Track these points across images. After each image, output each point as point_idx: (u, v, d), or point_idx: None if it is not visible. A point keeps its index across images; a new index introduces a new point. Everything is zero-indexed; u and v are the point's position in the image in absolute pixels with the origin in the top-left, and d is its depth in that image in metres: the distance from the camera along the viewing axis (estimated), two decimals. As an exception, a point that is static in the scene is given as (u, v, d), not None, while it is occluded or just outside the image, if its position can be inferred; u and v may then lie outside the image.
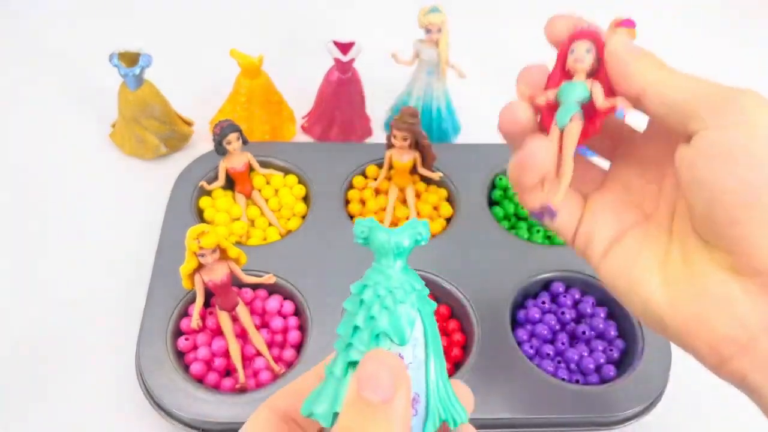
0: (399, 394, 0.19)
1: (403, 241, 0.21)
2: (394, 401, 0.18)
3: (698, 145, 0.24)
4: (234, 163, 0.54)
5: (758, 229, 0.23)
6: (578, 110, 0.27)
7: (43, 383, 0.46)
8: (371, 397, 0.18)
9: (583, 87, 0.27)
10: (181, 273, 0.43)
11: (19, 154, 0.62)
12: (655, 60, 0.26)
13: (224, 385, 0.45)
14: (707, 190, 0.24)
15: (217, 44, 0.66)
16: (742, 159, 0.23)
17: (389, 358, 0.19)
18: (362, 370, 0.19)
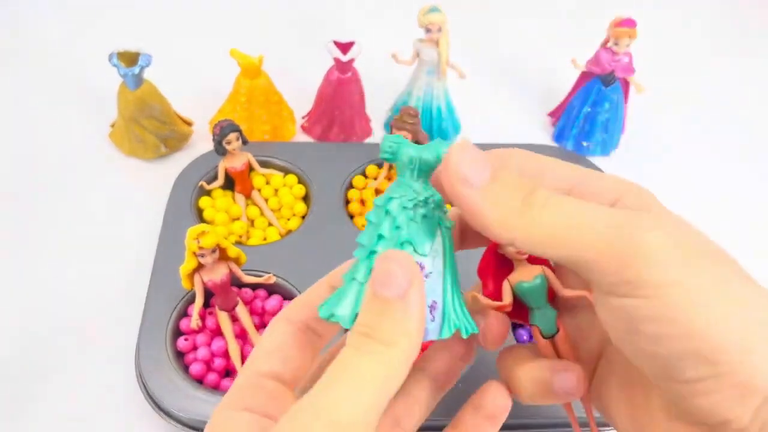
0: (413, 290, 0.19)
1: (429, 157, 0.22)
2: (408, 296, 0.19)
3: (601, 308, 0.20)
4: (234, 163, 0.54)
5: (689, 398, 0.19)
6: (555, 312, 0.24)
7: (43, 383, 0.46)
8: (387, 293, 0.19)
9: (543, 281, 0.24)
10: (180, 273, 0.43)
11: (18, 154, 0.62)
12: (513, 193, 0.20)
13: (224, 386, 0.45)
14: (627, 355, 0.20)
15: (217, 44, 0.66)
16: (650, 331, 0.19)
17: (402, 257, 0.19)
18: (377, 269, 0.19)
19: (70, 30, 0.76)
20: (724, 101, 0.72)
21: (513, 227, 0.20)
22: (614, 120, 0.63)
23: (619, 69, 0.60)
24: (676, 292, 0.18)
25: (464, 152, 0.20)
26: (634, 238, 0.19)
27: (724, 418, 0.19)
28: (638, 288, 0.18)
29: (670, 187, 0.59)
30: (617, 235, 0.19)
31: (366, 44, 0.58)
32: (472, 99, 0.67)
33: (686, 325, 0.18)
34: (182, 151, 0.63)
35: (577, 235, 0.19)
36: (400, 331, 0.19)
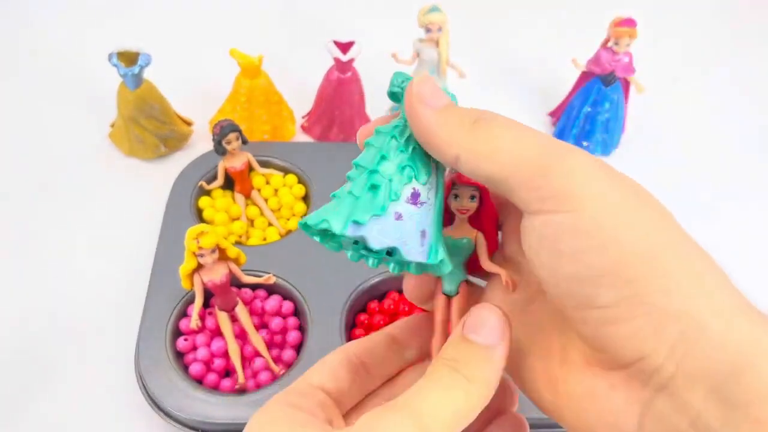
0: (503, 344, 0.21)
1: None
2: (498, 349, 0.21)
3: (526, 232, 0.21)
4: (233, 163, 0.54)
5: (606, 326, 0.19)
6: (465, 277, 0.25)
7: (42, 384, 0.46)
8: (478, 339, 0.21)
9: (469, 243, 0.24)
10: (180, 273, 0.43)
11: (18, 154, 0.62)
12: (463, 116, 0.21)
13: (223, 386, 0.45)
14: (548, 285, 0.21)
15: (217, 44, 0.66)
16: (571, 247, 0.19)
17: (495, 309, 0.21)
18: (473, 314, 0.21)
19: (70, 30, 0.76)
20: (725, 101, 0.72)
21: (459, 144, 0.21)
22: (614, 120, 0.63)
23: (620, 69, 0.60)
24: (597, 204, 0.19)
25: (427, 81, 0.22)
26: (564, 156, 0.20)
27: (639, 352, 0.18)
28: (562, 201, 0.19)
29: (670, 187, 0.59)
30: (549, 153, 0.20)
31: (366, 44, 0.58)
32: (472, 99, 0.67)
33: (605, 237, 0.18)
34: (182, 151, 0.62)
35: (514, 151, 0.20)
36: (486, 373, 0.21)
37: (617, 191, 0.19)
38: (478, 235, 0.25)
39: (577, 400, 0.21)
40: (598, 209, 0.19)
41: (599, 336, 0.19)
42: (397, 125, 0.23)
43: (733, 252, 0.22)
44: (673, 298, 0.18)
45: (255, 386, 0.45)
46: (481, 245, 0.24)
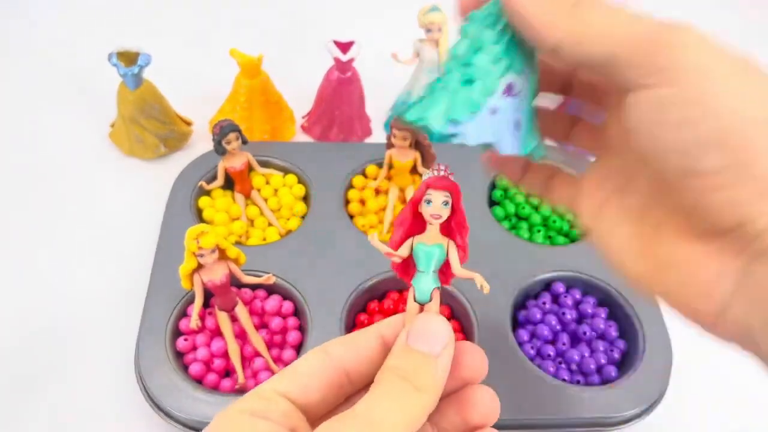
0: (447, 350, 0.22)
1: None
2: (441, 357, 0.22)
3: (631, 108, 0.21)
4: (233, 163, 0.54)
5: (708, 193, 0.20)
6: (438, 285, 0.25)
7: (42, 383, 0.46)
8: (422, 348, 0.22)
9: (441, 251, 0.24)
10: (180, 273, 0.43)
11: (18, 154, 0.62)
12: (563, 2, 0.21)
13: (224, 386, 0.45)
14: (652, 158, 0.21)
15: (217, 44, 0.66)
16: (677, 117, 0.19)
17: (441, 322, 0.23)
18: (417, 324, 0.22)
19: (70, 30, 0.76)
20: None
21: (560, 28, 0.21)
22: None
23: None
24: (704, 76, 0.19)
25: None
26: (670, 31, 0.20)
27: (741, 218, 0.19)
28: (669, 73, 0.19)
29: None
30: (655, 30, 0.20)
31: (366, 44, 0.58)
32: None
33: (713, 107, 0.19)
34: (182, 151, 0.62)
35: (619, 31, 0.20)
36: (431, 382, 0.21)
37: (725, 64, 0.19)
38: (449, 242, 0.25)
39: (670, 269, 0.22)
40: (706, 80, 0.19)
41: (700, 204, 0.20)
42: (491, 13, 0.22)
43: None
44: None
45: (255, 386, 0.44)
46: (453, 251, 0.25)
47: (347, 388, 0.24)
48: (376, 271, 0.49)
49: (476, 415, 0.24)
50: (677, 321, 0.49)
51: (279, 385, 0.22)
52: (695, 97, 0.19)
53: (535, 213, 0.56)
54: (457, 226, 0.25)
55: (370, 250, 0.50)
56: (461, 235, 0.25)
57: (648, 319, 0.47)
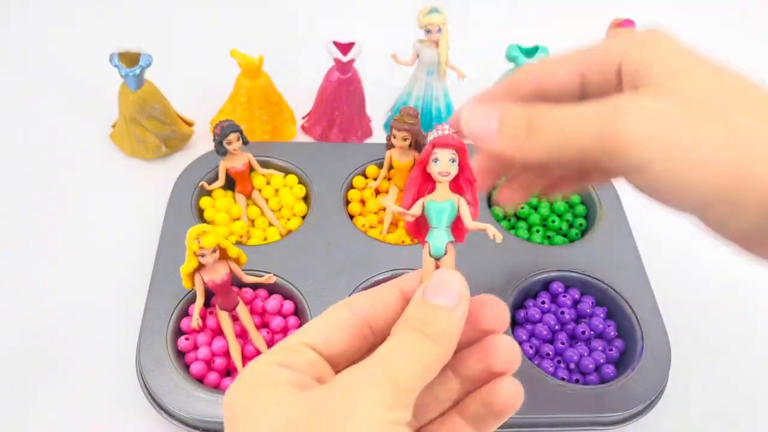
0: (462, 303, 0.23)
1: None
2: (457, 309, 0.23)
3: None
4: (234, 163, 0.54)
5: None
6: (451, 239, 0.25)
7: (43, 383, 0.46)
8: (437, 301, 0.23)
9: (452, 206, 0.25)
10: (181, 273, 0.43)
11: (19, 155, 0.62)
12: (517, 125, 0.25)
13: (224, 385, 0.45)
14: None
15: (218, 44, 0.66)
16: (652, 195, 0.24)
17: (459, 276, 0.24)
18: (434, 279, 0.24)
19: (70, 30, 0.76)
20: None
21: (524, 151, 0.24)
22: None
23: None
24: (655, 170, 0.23)
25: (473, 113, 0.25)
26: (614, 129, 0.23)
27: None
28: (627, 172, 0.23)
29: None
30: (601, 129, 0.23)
31: (366, 44, 0.58)
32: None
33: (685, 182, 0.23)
34: (183, 152, 0.63)
35: (571, 142, 0.23)
36: (447, 332, 0.22)
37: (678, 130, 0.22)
38: (460, 198, 0.26)
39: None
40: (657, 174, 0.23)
41: None
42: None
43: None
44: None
45: (256, 385, 0.45)
46: (464, 206, 0.26)
47: (370, 339, 0.25)
48: (376, 271, 0.50)
49: (498, 361, 0.24)
50: (676, 321, 0.49)
51: (304, 337, 0.24)
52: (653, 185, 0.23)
53: (533, 213, 0.56)
54: (466, 182, 0.26)
55: (370, 250, 0.51)
56: (471, 191, 0.26)
57: (646, 318, 0.47)
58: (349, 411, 0.20)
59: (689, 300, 0.54)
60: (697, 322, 0.52)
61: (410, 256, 0.51)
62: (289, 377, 0.22)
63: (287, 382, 0.22)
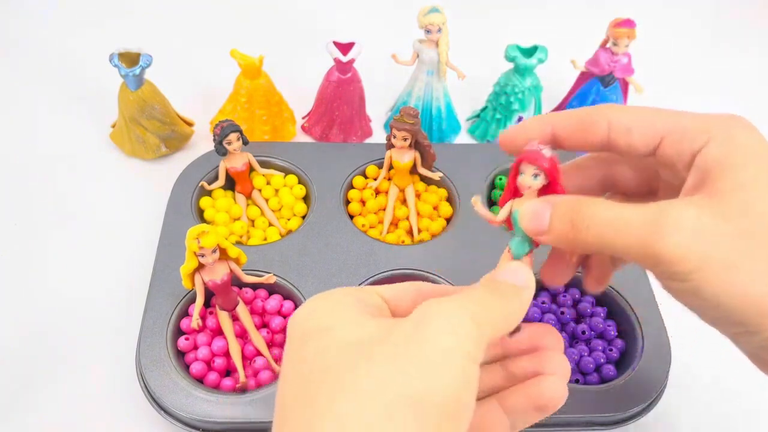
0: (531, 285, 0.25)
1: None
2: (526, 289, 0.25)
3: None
4: (234, 163, 0.54)
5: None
6: (532, 247, 0.27)
7: (43, 382, 0.46)
8: (512, 279, 0.25)
9: None
10: (181, 273, 0.43)
11: (19, 155, 0.62)
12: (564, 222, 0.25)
13: (224, 385, 0.45)
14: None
15: (218, 44, 0.66)
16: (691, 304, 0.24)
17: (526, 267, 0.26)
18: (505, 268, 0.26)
19: (70, 30, 0.76)
20: (725, 101, 0.72)
21: (573, 246, 0.25)
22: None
23: (619, 69, 0.60)
24: (698, 277, 0.22)
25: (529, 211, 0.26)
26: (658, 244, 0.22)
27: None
28: (671, 276, 0.23)
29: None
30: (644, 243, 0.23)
31: (366, 45, 0.58)
32: (472, 99, 0.67)
33: (713, 300, 0.22)
34: (183, 152, 0.63)
35: (612, 244, 0.24)
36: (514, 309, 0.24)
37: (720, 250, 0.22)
38: None
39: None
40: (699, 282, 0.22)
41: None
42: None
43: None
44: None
45: (256, 385, 0.45)
46: None
47: None
48: (377, 271, 0.50)
49: (549, 367, 0.26)
50: (676, 320, 0.49)
51: (379, 288, 0.26)
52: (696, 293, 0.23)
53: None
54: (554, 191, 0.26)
55: (370, 250, 0.51)
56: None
57: (647, 318, 0.47)
58: (428, 335, 0.21)
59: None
60: (697, 322, 0.52)
61: (410, 256, 0.51)
62: (363, 307, 0.23)
63: (361, 310, 0.23)
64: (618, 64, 0.60)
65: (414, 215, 0.55)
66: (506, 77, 0.61)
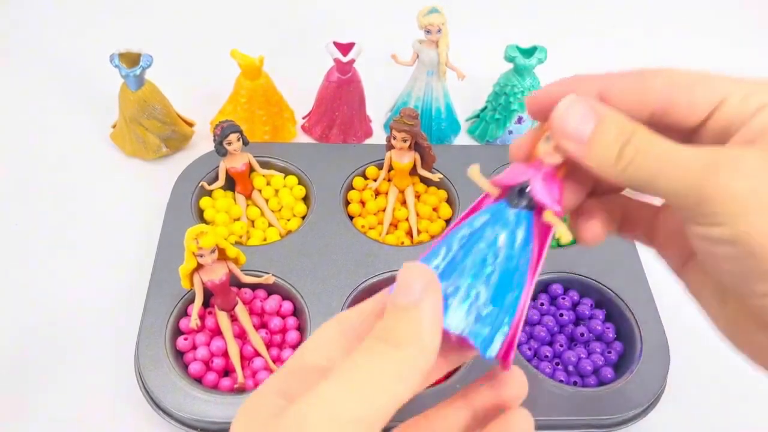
0: (425, 295, 0.21)
1: None
2: (421, 303, 0.20)
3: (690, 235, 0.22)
4: (234, 164, 0.54)
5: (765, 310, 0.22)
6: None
7: (42, 382, 0.46)
8: (401, 300, 0.21)
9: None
10: (180, 273, 0.44)
11: (20, 155, 0.62)
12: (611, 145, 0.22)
13: (223, 385, 0.45)
14: (715, 276, 0.23)
15: (218, 45, 0.66)
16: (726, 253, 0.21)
17: (418, 267, 0.21)
18: (398, 280, 0.21)
19: (71, 31, 0.76)
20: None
21: (609, 175, 0.22)
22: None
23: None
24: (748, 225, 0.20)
25: (571, 109, 0.22)
26: (710, 181, 0.20)
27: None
28: (714, 218, 0.21)
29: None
30: (696, 179, 0.21)
31: (366, 45, 0.58)
32: (472, 100, 0.67)
33: (755, 248, 0.20)
34: (183, 152, 0.63)
35: (663, 181, 0.21)
36: (411, 334, 0.20)
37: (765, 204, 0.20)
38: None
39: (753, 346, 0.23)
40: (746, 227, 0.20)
41: (760, 315, 0.22)
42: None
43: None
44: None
45: (254, 386, 0.45)
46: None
47: None
48: (376, 272, 0.50)
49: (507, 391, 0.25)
50: (675, 323, 0.49)
51: (306, 357, 0.23)
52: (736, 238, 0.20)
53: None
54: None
55: (370, 251, 0.51)
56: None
57: (646, 321, 0.47)
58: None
59: (688, 302, 0.53)
60: (696, 325, 0.52)
61: (409, 256, 0.51)
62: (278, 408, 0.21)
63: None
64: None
65: (414, 216, 0.55)
66: (506, 77, 0.61)
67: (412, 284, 0.21)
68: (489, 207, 0.24)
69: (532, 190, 0.23)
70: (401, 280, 0.21)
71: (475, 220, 0.23)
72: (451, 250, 0.23)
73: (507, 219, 0.23)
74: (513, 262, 0.23)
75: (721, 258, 0.21)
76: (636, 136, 0.22)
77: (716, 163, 0.20)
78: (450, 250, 0.23)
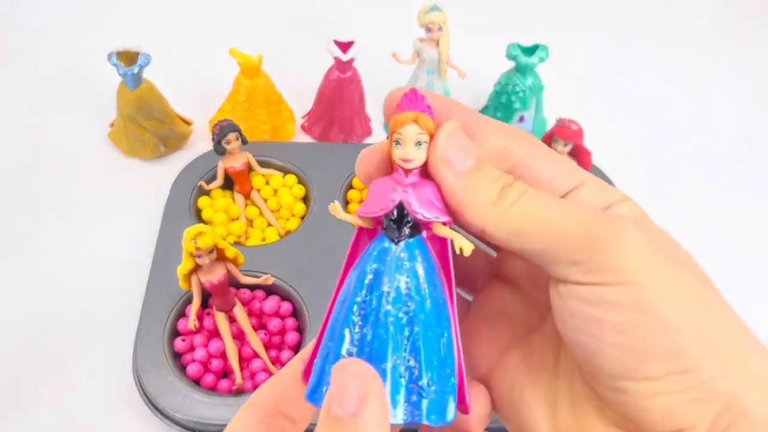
0: (366, 406, 0.17)
1: None
2: (361, 414, 0.17)
3: (562, 298, 0.19)
4: (233, 163, 0.53)
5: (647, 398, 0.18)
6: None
7: (40, 383, 0.46)
8: (338, 411, 0.17)
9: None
10: (178, 273, 0.43)
11: (17, 154, 0.62)
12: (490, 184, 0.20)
13: (221, 387, 0.45)
14: (584, 351, 0.19)
15: (217, 43, 0.66)
16: (618, 319, 0.18)
17: (357, 367, 0.18)
18: (332, 383, 0.18)
19: (69, 29, 0.76)
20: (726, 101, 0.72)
21: (485, 217, 0.19)
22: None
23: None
24: (650, 282, 0.18)
25: (452, 137, 0.20)
26: (610, 227, 0.18)
27: (679, 425, 0.18)
28: (610, 274, 0.18)
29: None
30: (592, 225, 0.19)
31: (366, 44, 0.58)
32: (472, 99, 0.67)
33: (657, 315, 0.18)
34: (181, 151, 0.62)
35: (547, 230, 0.19)
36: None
37: (666, 266, 0.19)
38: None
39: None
40: (652, 287, 0.18)
41: (636, 406, 0.18)
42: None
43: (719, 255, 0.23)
44: (722, 375, 0.18)
45: (252, 387, 0.44)
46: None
47: (290, 426, 0.21)
48: (375, 272, 0.49)
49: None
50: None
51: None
52: (639, 301, 0.18)
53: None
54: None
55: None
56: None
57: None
58: None
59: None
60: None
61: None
62: None
63: None
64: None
65: (414, 216, 0.54)
66: (507, 76, 0.61)
67: (348, 390, 0.17)
68: (371, 249, 0.21)
69: (409, 210, 0.20)
70: (335, 386, 0.18)
71: (364, 276, 0.20)
72: (355, 326, 0.20)
73: (398, 258, 0.20)
74: (428, 304, 0.20)
75: (609, 329, 0.18)
76: (517, 183, 0.20)
77: (609, 218, 0.19)
78: (353, 328, 0.20)
